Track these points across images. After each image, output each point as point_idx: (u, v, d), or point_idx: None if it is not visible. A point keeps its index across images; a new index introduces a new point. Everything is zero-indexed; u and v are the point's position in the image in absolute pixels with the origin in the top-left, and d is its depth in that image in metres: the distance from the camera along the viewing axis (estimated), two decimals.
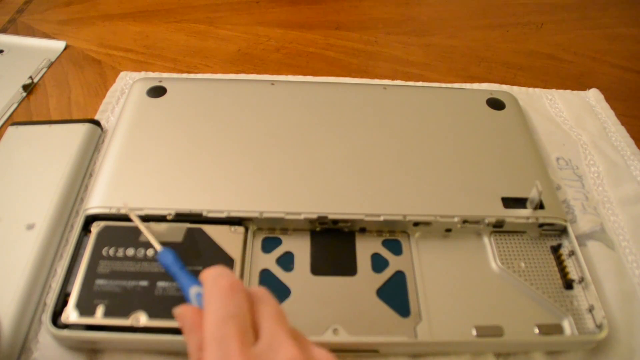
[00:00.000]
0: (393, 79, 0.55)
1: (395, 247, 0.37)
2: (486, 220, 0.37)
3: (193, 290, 0.27)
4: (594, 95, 0.54)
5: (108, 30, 0.63)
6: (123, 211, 0.36)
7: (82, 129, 0.44)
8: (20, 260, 0.34)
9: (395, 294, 0.34)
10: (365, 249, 0.36)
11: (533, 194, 0.38)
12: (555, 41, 0.65)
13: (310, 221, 0.36)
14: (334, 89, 0.48)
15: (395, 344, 0.32)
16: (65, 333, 0.31)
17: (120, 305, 0.31)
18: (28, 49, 0.59)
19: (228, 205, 0.36)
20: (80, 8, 0.68)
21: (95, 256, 0.34)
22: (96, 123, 0.46)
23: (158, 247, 0.32)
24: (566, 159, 0.46)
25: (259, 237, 0.37)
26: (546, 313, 0.34)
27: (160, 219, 0.36)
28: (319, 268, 0.35)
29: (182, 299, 0.27)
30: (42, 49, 0.59)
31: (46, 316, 0.31)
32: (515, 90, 0.54)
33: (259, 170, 0.39)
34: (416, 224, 0.37)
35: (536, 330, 0.33)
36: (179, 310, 0.26)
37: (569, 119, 0.51)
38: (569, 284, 0.35)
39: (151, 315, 0.31)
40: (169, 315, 0.30)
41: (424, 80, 0.56)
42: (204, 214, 0.36)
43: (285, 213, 0.36)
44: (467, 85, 0.54)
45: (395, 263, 0.36)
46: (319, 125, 0.43)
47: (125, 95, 0.50)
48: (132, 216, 0.35)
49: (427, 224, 0.37)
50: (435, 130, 0.44)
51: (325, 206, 0.37)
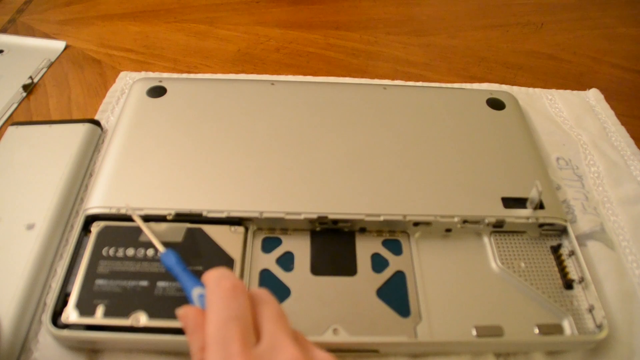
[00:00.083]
0: (393, 79, 0.55)
1: (395, 247, 0.37)
2: (486, 220, 0.37)
3: (196, 292, 0.27)
4: (593, 95, 0.54)
5: (108, 30, 0.63)
6: (125, 212, 0.36)
7: (82, 129, 0.44)
8: (20, 260, 0.34)
9: (395, 294, 0.34)
10: (365, 249, 0.36)
11: (533, 194, 0.38)
12: (555, 41, 0.65)
13: (310, 221, 0.36)
14: (334, 89, 0.48)
15: (395, 344, 0.32)
16: (65, 333, 0.31)
17: (120, 305, 0.31)
18: (28, 49, 0.59)
19: (228, 205, 0.36)
20: (80, 8, 0.68)
21: (95, 256, 0.34)
22: (96, 123, 0.46)
23: (161, 249, 0.32)
24: (566, 159, 0.46)
25: (259, 237, 0.37)
26: (546, 313, 0.34)
27: (160, 219, 0.36)
28: (319, 268, 0.35)
29: (182, 299, 0.28)
30: (42, 49, 0.59)
31: (46, 316, 0.31)
32: (515, 90, 0.54)
33: (259, 170, 0.39)
34: (416, 224, 0.37)
35: (536, 330, 0.33)
36: (181, 311, 0.26)
37: (569, 119, 0.51)
38: (569, 284, 0.35)
39: (151, 315, 0.31)
40: (169, 315, 0.30)
41: (424, 80, 0.56)
42: (204, 214, 0.36)
43: (285, 213, 0.36)
44: (467, 85, 0.54)
45: (395, 263, 0.36)
46: (319, 125, 0.43)
47: (125, 95, 0.50)
48: (135, 217, 0.35)
49: (427, 224, 0.37)
50: (435, 130, 0.44)
51: (325, 206, 0.37)
